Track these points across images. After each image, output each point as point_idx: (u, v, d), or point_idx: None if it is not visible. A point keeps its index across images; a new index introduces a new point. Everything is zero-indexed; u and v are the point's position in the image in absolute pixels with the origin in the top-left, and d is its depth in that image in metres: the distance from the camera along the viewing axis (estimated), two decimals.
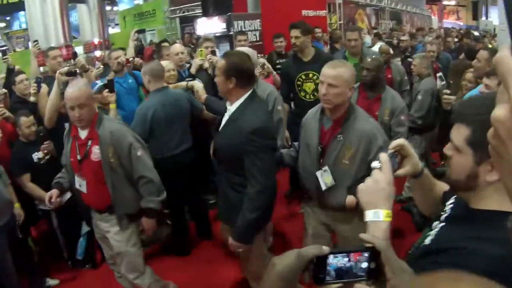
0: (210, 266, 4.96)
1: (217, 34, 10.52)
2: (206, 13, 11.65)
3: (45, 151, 4.64)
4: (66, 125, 4.25)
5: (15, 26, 27.46)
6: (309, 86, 5.58)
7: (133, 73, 5.93)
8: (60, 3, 10.69)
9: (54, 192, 3.74)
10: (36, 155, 4.71)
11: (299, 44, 5.56)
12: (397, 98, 4.73)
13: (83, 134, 3.67)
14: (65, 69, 4.93)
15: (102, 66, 6.61)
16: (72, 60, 7.33)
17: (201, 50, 5.91)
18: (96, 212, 3.90)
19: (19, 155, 4.77)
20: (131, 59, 6.16)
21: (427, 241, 1.61)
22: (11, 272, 4.44)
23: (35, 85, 5.46)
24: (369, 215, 1.56)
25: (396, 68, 6.65)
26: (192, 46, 9.70)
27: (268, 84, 5.16)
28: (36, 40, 7.38)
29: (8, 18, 29.99)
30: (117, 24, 20.76)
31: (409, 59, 7.56)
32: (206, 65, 5.82)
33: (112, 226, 3.80)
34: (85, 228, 4.92)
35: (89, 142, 3.61)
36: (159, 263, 4.95)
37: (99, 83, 4.98)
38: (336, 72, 3.20)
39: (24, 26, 25.81)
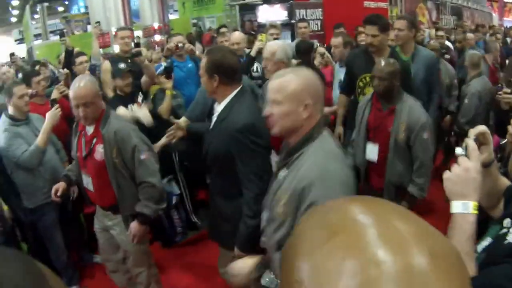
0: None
1: (278, 22, 10.54)
2: (267, 1, 11.70)
3: None
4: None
5: (74, 10, 28.39)
6: (370, 92, 4.56)
7: (194, 57, 6.00)
8: None
9: (61, 185, 3.76)
10: None
11: (376, 44, 4.63)
12: (416, 110, 4.02)
13: (89, 130, 3.62)
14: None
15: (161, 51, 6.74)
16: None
17: (261, 35, 5.90)
18: (100, 208, 3.87)
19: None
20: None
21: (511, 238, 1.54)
22: (59, 248, 4.65)
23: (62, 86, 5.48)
24: (456, 207, 1.51)
25: (445, 70, 6.42)
26: (254, 33, 9.74)
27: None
28: (98, 22, 7.58)
29: (66, 2, 31.08)
30: (175, 10, 21.07)
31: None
32: None
33: (117, 225, 3.76)
34: None
35: (94, 140, 3.57)
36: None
37: (163, 64, 5.07)
38: (278, 83, 2.35)
39: (82, 10, 26.70)
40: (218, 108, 3.22)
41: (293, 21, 10.36)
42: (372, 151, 4.19)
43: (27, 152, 4.22)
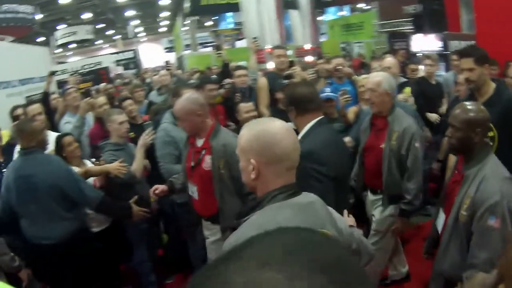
0: None
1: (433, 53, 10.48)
2: (418, 30, 11.66)
3: None
4: None
5: (222, 26, 29.84)
6: None
7: (352, 80, 6.20)
8: (276, 6, 11.53)
9: (162, 187, 4.04)
10: None
11: (474, 79, 4.03)
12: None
13: (199, 143, 3.87)
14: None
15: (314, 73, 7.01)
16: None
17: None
18: (202, 218, 4.09)
19: None
20: None
21: None
22: (199, 246, 4.95)
23: None
24: None
25: None
26: (408, 62, 9.82)
27: (407, 117, 4.27)
28: (256, 37, 8.04)
29: (216, 18, 32.75)
30: (322, 34, 21.55)
31: None
32: None
33: (213, 235, 3.93)
34: None
35: (203, 151, 3.79)
36: None
37: (327, 91, 5.31)
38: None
39: (231, 26, 28.02)
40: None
41: (446, 52, 10.23)
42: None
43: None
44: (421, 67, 7.33)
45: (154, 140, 4.71)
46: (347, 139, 4.55)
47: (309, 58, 11.84)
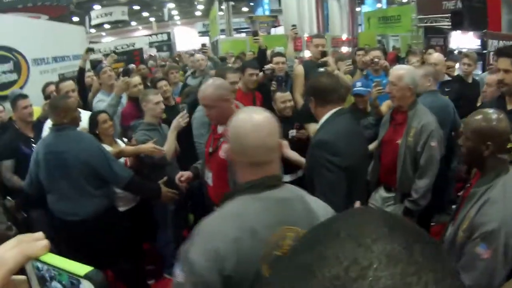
0: None
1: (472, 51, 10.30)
2: (455, 26, 11.43)
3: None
4: None
5: (258, 12, 29.79)
6: None
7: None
8: None
9: (187, 173, 4.02)
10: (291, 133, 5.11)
11: (508, 82, 3.70)
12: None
13: (220, 129, 3.78)
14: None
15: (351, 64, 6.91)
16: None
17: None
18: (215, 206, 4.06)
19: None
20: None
21: None
22: (169, 240, 5.03)
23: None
24: None
25: None
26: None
27: (428, 114, 4.11)
28: (295, 25, 7.94)
29: (252, 4, 32.70)
30: (359, 25, 21.36)
31: None
32: None
33: None
34: None
35: (221, 139, 3.69)
36: None
37: (358, 85, 5.24)
38: None
39: (267, 13, 27.95)
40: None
41: (485, 51, 10.03)
42: None
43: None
44: (457, 65, 7.18)
45: (192, 120, 4.65)
46: None
47: (345, 49, 11.74)
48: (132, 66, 11.86)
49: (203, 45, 8.14)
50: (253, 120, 2.01)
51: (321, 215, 2.07)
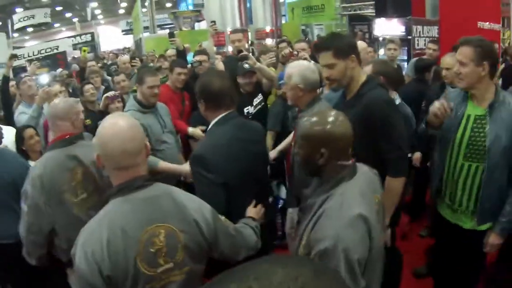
0: None
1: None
2: (379, 14, 11.70)
3: None
4: None
5: (182, 7, 29.54)
6: None
7: None
8: None
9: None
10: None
11: (336, 78, 3.34)
12: None
13: None
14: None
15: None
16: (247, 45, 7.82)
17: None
18: None
19: None
20: None
21: None
22: None
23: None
24: None
25: None
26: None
27: None
28: (214, 21, 7.96)
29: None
30: (283, 15, 21.50)
31: None
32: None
33: None
34: None
35: None
36: None
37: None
38: None
39: (190, 8, 27.76)
40: None
41: (409, 37, 10.32)
42: None
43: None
44: (382, 51, 7.39)
45: None
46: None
47: (269, 41, 11.81)
48: (55, 72, 11.54)
49: (171, 34, 7.76)
50: (115, 127, 2.08)
51: (193, 209, 2.22)
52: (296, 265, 0.75)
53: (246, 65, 5.24)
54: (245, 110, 5.23)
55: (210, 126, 3.14)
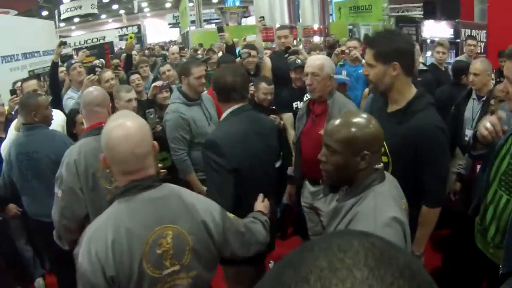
0: None
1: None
2: (428, 16, 11.51)
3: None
4: None
5: (229, 3, 29.66)
6: None
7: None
8: None
9: None
10: None
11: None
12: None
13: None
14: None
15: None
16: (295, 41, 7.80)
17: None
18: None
19: None
20: None
21: None
22: None
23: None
24: None
25: None
26: None
27: (348, 102, 4.14)
28: (262, 17, 7.94)
29: None
30: (330, 14, 21.40)
31: None
32: None
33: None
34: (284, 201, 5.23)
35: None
36: None
37: (344, 74, 5.31)
38: None
39: (237, 3, 27.88)
40: None
41: (458, 40, 10.15)
42: None
43: None
44: (429, 53, 7.27)
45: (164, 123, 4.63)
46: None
47: (316, 38, 11.77)
48: (96, 62, 11.69)
49: (220, 28, 7.80)
50: (122, 130, 2.02)
51: (202, 210, 2.19)
52: (363, 235, 0.72)
53: (298, 60, 5.20)
54: (294, 105, 5.18)
55: (223, 116, 3.28)
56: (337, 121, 2.18)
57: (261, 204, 2.88)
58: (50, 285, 4.93)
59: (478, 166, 3.68)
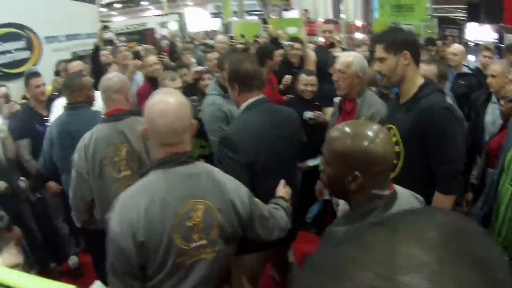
0: None
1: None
2: (472, 18, 11.32)
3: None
4: None
5: None
6: None
7: None
8: None
9: None
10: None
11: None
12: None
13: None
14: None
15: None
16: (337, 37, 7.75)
17: None
18: None
19: None
20: None
21: None
22: None
23: None
24: None
25: None
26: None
27: (378, 102, 4.01)
28: (307, 10, 7.93)
29: None
30: (372, 11, 21.20)
31: None
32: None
33: None
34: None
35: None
36: None
37: None
38: None
39: None
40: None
41: (502, 44, 9.94)
42: None
43: None
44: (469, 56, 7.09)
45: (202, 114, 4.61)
46: None
47: (359, 35, 11.68)
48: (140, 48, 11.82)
49: (264, 20, 7.84)
50: (162, 104, 2.12)
51: (231, 189, 2.27)
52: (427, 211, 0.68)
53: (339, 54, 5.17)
54: (335, 100, 5.10)
55: (241, 108, 3.22)
56: (339, 128, 1.92)
57: (283, 189, 2.89)
58: (83, 264, 5.02)
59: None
